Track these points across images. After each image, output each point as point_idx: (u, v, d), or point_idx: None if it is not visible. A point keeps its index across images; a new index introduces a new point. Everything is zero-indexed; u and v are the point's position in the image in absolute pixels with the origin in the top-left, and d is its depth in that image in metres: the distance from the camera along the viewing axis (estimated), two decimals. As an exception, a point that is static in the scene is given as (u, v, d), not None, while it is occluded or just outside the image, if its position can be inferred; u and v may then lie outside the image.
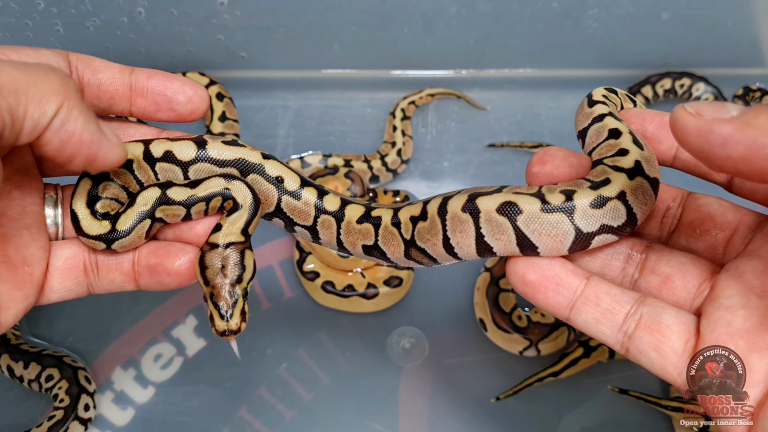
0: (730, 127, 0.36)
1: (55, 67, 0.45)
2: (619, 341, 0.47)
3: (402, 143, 1.07)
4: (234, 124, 1.08)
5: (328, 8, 1.04)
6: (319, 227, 0.56)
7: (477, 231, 0.48)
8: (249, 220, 0.53)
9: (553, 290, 0.47)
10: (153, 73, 0.56)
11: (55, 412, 0.86)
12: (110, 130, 0.48)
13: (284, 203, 0.56)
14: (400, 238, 0.53)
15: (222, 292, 0.51)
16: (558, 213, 0.46)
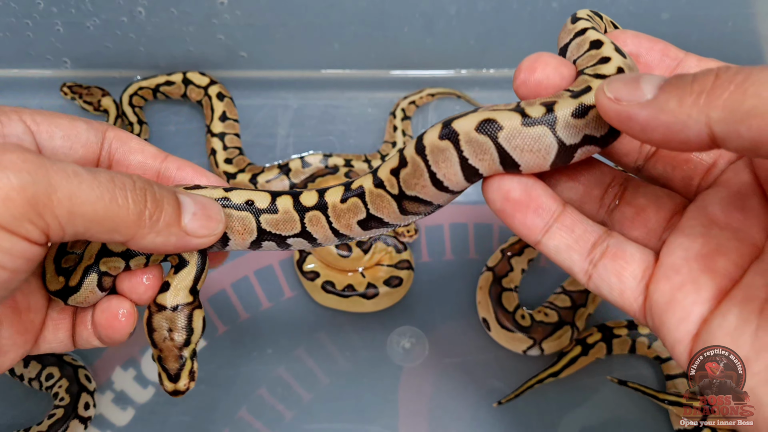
0: (645, 114, 0.39)
1: (134, 183, 0.45)
2: (584, 269, 0.48)
3: (402, 143, 1.07)
4: (234, 124, 1.08)
5: (328, 7, 1.04)
6: (308, 227, 0.55)
7: (460, 155, 0.46)
8: (197, 277, 0.53)
9: (533, 210, 0.47)
10: (184, 165, 0.57)
11: (56, 410, 0.87)
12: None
13: (264, 222, 0.54)
14: (388, 196, 0.51)
15: (170, 356, 0.52)
16: (540, 126, 0.44)
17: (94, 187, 0.42)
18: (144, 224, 0.45)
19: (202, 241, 0.49)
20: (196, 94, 1.09)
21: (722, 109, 0.36)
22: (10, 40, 1.06)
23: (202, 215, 0.49)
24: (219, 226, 0.50)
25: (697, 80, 0.38)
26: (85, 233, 0.43)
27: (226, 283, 0.98)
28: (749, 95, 0.35)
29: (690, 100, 0.37)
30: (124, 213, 0.43)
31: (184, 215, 0.48)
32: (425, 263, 1.00)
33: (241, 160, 1.05)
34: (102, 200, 0.42)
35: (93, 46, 1.07)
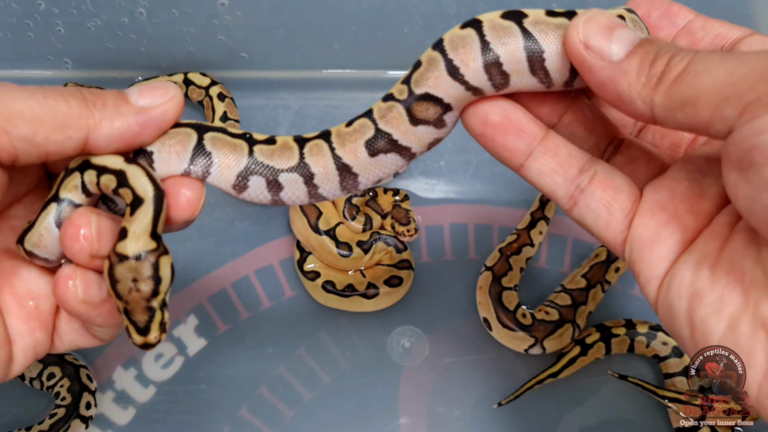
0: (605, 74, 0.41)
1: (63, 87, 0.46)
2: (569, 193, 0.47)
3: (402, 143, 1.07)
4: (235, 124, 1.08)
5: (328, 8, 1.04)
6: (307, 158, 0.49)
7: (482, 39, 0.45)
8: (155, 217, 0.46)
9: (514, 133, 0.47)
10: None
11: (57, 410, 0.87)
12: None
13: (258, 151, 0.49)
14: (398, 104, 0.50)
15: (137, 308, 0.47)
16: (562, 17, 0.44)
17: (21, 89, 0.43)
18: (91, 112, 0.45)
19: (164, 108, 0.47)
20: (197, 95, 1.10)
21: (664, 95, 0.38)
22: (10, 40, 1.06)
23: (148, 89, 0.47)
24: (170, 89, 0.48)
25: (656, 62, 0.39)
26: (35, 136, 0.43)
27: (226, 282, 0.98)
28: (684, 86, 0.37)
29: (644, 79, 0.39)
30: (63, 107, 0.44)
31: (130, 97, 0.47)
32: (425, 263, 1.01)
33: (241, 160, 1.05)
34: (34, 98, 0.43)
35: (94, 47, 1.08)
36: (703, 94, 0.37)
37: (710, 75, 0.37)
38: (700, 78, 0.37)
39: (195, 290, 0.98)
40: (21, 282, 0.51)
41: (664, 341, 0.91)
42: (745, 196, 0.37)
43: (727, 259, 0.41)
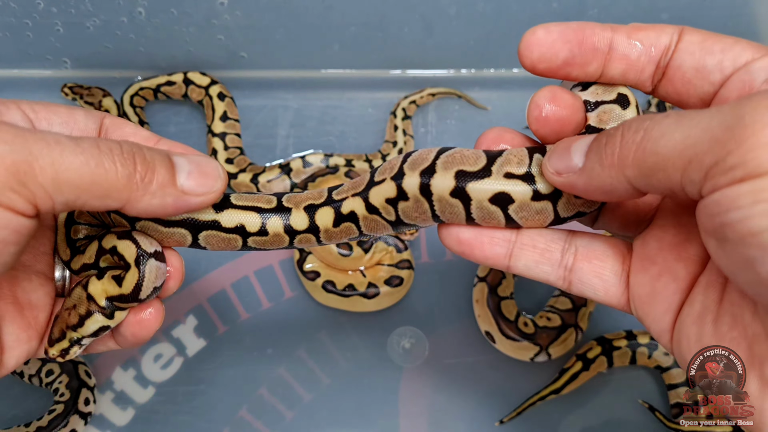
0: (582, 181, 0.43)
1: (120, 147, 0.45)
2: (561, 276, 0.50)
3: (403, 143, 1.07)
4: (235, 124, 1.08)
5: (328, 8, 1.04)
6: (296, 244, 0.55)
7: (468, 214, 0.48)
8: (117, 297, 0.51)
9: (488, 243, 0.49)
10: (175, 146, 0.55)
11: (56, 405, 0.87)
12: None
13: (251, 242, 0.54)
14: (384, 222, 0.52)
15: (60, 322, 0.52)
16: (545, 201, 0.47)
17: (77, 153, 0.41)
18: (136, 187, 0.44)
19: (202, 200, 0.48)
20: (197, 94, 1.09)
21: (633, 167, 0.39)
22: (9, 40, 1.06)
23: (198, 173, 0.48)
24: (217, 183, 0.49)
25: (608, 143, 0.41)
26: (76, 201, 0.42)
27: (226, 283, 0.98)
28: (648, 153, 0.38)
29: (607, 163, 0.41)
30: (112, 177, 0.43)
31: (179, 175, 0.47)
32: (425, 264, 1.00)
33: (242, 160, 1.05)
34: (87, 165, 0.42)
35: (93, 47, 1.07)
36: (668, 160, 0.37)
37: (668, 140, 0.37)
38: (660, 143, 0.37)
39: (194, 291, 0.97)
40: (23, 292, 0.53)
41: (666, 351, 0.90)
42: (726, 266, 0.37)
43: (727, 312, 0.42)
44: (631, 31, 0.49)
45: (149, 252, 0.50)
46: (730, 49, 0.46)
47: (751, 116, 0.34)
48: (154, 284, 0.51)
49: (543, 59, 0.49)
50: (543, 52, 0.49)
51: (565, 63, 0.49)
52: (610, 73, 0.50)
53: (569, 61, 0.49)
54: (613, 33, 0.49)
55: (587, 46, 0.49)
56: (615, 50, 0.49)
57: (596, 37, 0.49)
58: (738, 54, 0.45)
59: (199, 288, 0.98)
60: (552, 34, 0.48)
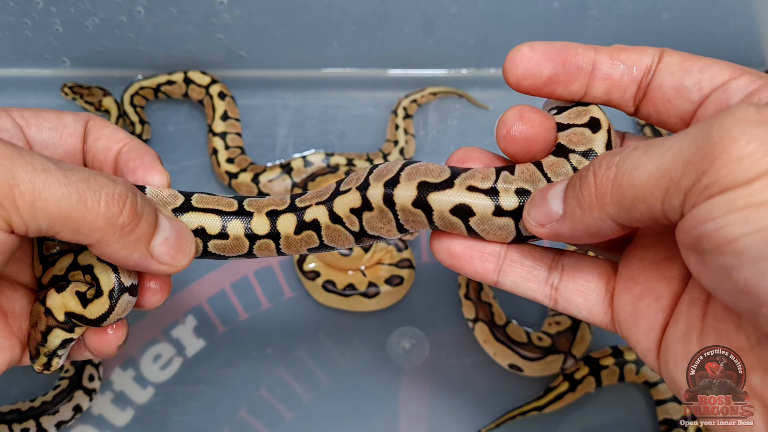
0: (566, 228, 0.43)
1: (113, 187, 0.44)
2: (547, 294, 0.50)
3: (404, 142, 1.07)
4: (236, 123, 1.08)
5: (327, 7, 1.04)
6: (255, 251, 0.54)
7: (430, 223, 0.49)
8: (79, 316, 0.50)
9: (478, 258, 0.50)
10: (134, 147, 0.54)
11: (60, 381, 0.89)
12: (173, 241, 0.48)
13: (212, 246, 0.53)
14: (347, 232, 0.52)
15: (31, 337, 0.52)
16: (507, 217, 0.47)
17: (62, 184, 0.41)
18: (113, 231, 0.43)
19: (163, 269, 0.48)
20: (197, 94, 1.09)
21: (613, 204, 0.39)
22: (8, 39, 1.06)
23: (174, 244, 0.48)
24: (185, 260, 0.49)
25: (583, 185, 0.41)
26: (48, 231, 0.42)
27: (225, 283, 0.98)
28: (625, 188, 0.38)
29: (587, 204, 0.41)
30: (91, 216, 0.42)
31: (157, 236, 0.47)
32: (426, 264, 1.00)
33: (242, 159, 1.05)
34: (68, 199, 0.41)
35: (92, 46, 1.07)
36: (646, 191, 0.38)
37: (642, 171, 0.37)
38: (635, 176, 0.38)
39: (194, 291, 0.97)
40: (6, 301, 0.53)
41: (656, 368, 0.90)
42: (707, 280, 0.37)
43: (711, 327, 0.42)
44: (613, 53, 0.49)
45: (126, 285, 0.49)
46: (708, 69, 0.47)
47: (718, 133, 0.35)
48: (119, 316, 0.50)
49: (528, 75, 0.49)
50: (528, 68, 0.49)
51: (549, 80, 0.49)
52: (593, 93, 0.50)
53: (553, 79, 0.49)
54: (597, 53, 0.50)
55: (571, 65, 0.49)
56: (598, 70, 0.50)
57: (580, 57, 0.49)
58: (716, 74, 0.46)
59: (199, 288, 0.98)
60: (537, 52, 0.49)
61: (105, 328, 0.52)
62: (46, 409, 0.87)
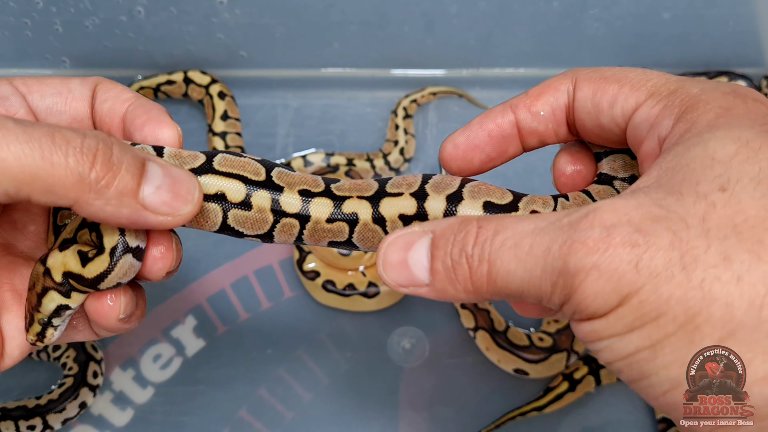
0: (433, 295, 0.43)
1: (81, 140, 0.40)
2: None
3: (404, 141, 1.07)
4: (236, 123, 1.08)
5: (328, 7, 1.04)
6: (276, 232, 0.49)
7: None
8: (79, 276, 0.46)
9: None
10: (139, 105, 0.52)
11: (65, 379, 0.89)
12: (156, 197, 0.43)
13: (231, 218, 0.48)
14: (383, 234, 0.49)
15: (27, 304, 0.49)
16: None
17: (22, 141, 0.38)
18: (88, 188, 0.39)
19: (162, 220, 0.43)
20: (197, 93, 1.09)
21: (489, 295, 0.40)
22: (8, 39, 1.06)
23: (169, 190, 0.43)
24: (187, 207, 0.44)
25: (458, 271, 0.41)
26: (18, 193, 0.38)
27: (225, 283, 0.98)
28: (500, 288, 0.39)
29: (462, 289, 0.41)
30: (59, 173, 0.38)
31: (144, 185, 0.42)
32: (425, 263, 1.00)
33: (241, 159, 1.05)
34: (30, 157, 0.38)
35: (92, 46, 1.07)
36: (520, 293, 0.39)
37: (514, 278, 0.39)
38: (508, 280, 0.39)
39: (194, 291, 0.97)
40: (21, 280, 0.52)
41: None
42: None
43: None
44: (530, 103, 0.50)
45: (130, 246, 0.45)
46: (616, 100, 0.46)
47: (574, 265, 0.36)
48: (119, 279, 0.46)
49: (463, 168, 0.52)
50: (459, 164, 0.52)
51: (483, 163, 0.52)
52: (530, 145, 0.52)
53: (485, 160, 0.52)
54: (515, 112, 0.51)
55: (496, 140, 0.51)
56: (523, 129, 0.51)
57: (500, 128, 0.51)
58: (624, 105, 0.46)
59: (199, 288, 0.97)
60: (459, 147, 0.52)
61: (104, 296, 0.48)
62: (52, 407, 0.87)
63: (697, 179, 0.37)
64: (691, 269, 0.35)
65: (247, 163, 0.49)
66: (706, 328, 0.35)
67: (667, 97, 0.43)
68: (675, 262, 0.35)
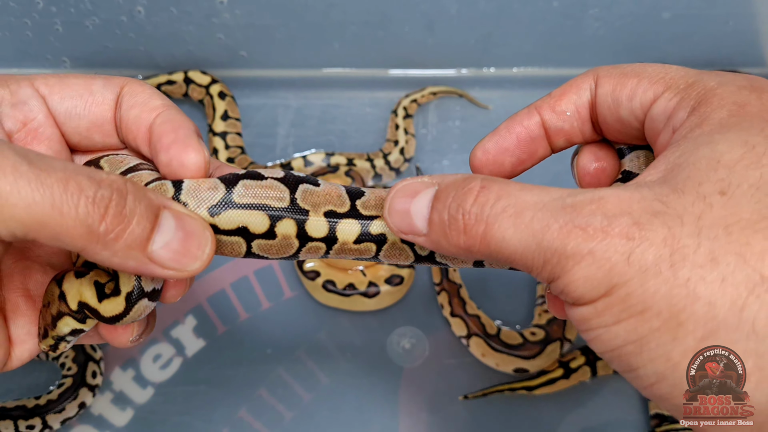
0: (430, 245, 0.44)
1: (95, 191, 0.39)
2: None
3: (405, 141, 1.07)
4: (236, 123, 1.08)
5: (328, 7, 1.04)
6: (301, 254, 0.48)
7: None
8: (93, 309, 0.46)
9: None
10: (167, 120, 0.49)
11: (64, 380, 0.89)
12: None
13: (256, 246, 0.47)
14: (411, 254, 0.49)
15: (41, 318, 0.50)
16: None
17: (34, 188, 0.37)
18: (96, 240, 0.39)
19: (169, 274, 0.42)
20: (197, 94, 1.09)
21: (480, 255, 0.41)
22: (9, 39, 1.06)
23: (179, 247, 0.42)
24: (195, 264, 0.43)
25: (452, 226, 0.41)
26: (26, 237, 0.38)
27: (225, 283, 0.98)
28: (493, 250, 0.40)
29: (453, 244, 0.42)
30: (68, 223, 0.38)
31: (155, 239, 0.41)
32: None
33: (243, 159, 1.05)
34: (40, 205, 0.37)
35: (92, 46, 1.07)
36: (512, 260, 0.40)
37: (508, 244, 0.39)
38: (502, 245, 0.40)
39: (194, 291, 0.97)
40: (35, 284, 0.52)
41: None
42: None
43: None
44: (554, 104, 0.51)
45: (146, 290, 0.45)
46: (635, 93, 0.46)
47: (571, 248, 0.37)
48: (134, 320, 0.46)
49: (494, 173, 0.52)
50: (491, 169, 0.52)
51: (514, 166, 0.52)
52: (558, 146, 0.52)
53: (516, 163, 0.52)
54: (540, 113, 0.51)
55: (524, 142, 0.51)
56: (550, 129, 0.51)
57: (528, 130, 0.51)
58: (642, 97, 0.46)
59: (199, 288, 0.97)
60: (489, 152, 0.52)
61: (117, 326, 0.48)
62: (52, 407, 0.87)
63: (701, 179, 0.38)
64: (678, 267, 0.36)
65: (269, 186, 0.47)
66: (689, 325, 0.36)
67: (684, 89, 0.44)
68: (664, 259, 0.36)
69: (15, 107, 0.49)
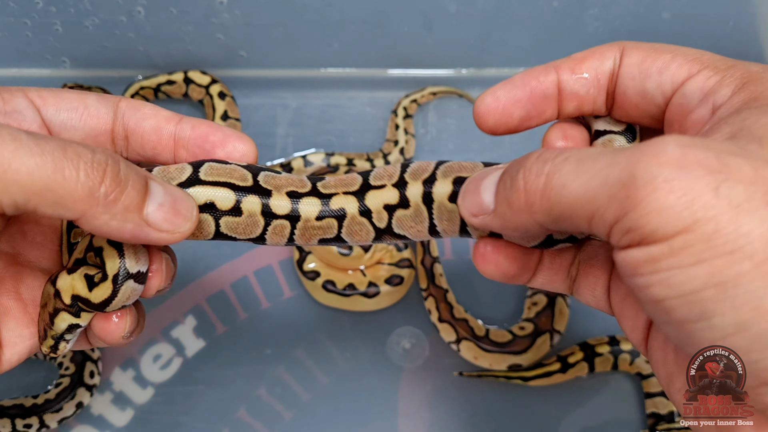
0: (496, 224, 0.43)
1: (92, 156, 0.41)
2: (569, 286, 0.51)
3: (404, 141, 1.07)
4: (236, 123, 1.08)
5: (327, 7, 1.04)
6: (268, 234, 0.51)
7: (462, 220, 0.48)
8: (86, 300, 0.48)
9: (525, 275, 0.50)
10: (199, 124, 0.52)
11: (62, 379, 0.90)
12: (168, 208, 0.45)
13: (223, 225, 0.50)
14: (370, 227, 0.51)
15: (40, 319, 0.51)
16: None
17: (35, 154, 0.38)
18: (97, 202, 0.40)
19: (163, 236, 0.44)
20: (197, 94, 1.09)
21: (540, 214, 0.39)
22: (8, 39, 1.06)
23: (170, 208, 0.44)
24: (186, 225, 0.45)
25: (513, 187, 0.40)
26: (26, 204, 0.39)
27: (225, 283, 0.98)
28: (553, 202, 0.38)
29: (516, 208, 0.41)
30: (71, 186, 0.39)
31: (148, 203, 0.43)
32: (425, 263, 1.00)
33: (241, 159, 1.05)
34: (43, 169, 0.38)
35: (92, 46, 1.07)
36: (572, 210, 0.37)
37: (570, 191, 0.37)
38: (563, 193, 0.37)
39: (193, 291, 0.97)
40: (27, 289, 0.52)
41: (647, 360, 0.90)
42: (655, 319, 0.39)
43: None
44: (574, 66, 0.50)
45: (131, 272, 0.47)
46: (667, 68, 0.46)
47: (642, 176, 0.34)
48: (123, 303, 0.48)
49: (499, 124, 0.51)
50: (497, 118, 0.51)
51: (521, 121, 0.51)
52: (566, 111, 0.51)
53: (525, 117, 0.51)
54: (558, 73, 0.51)
55: (537, 98, 0.50)
56: (564, 90, 0.50)
57: (543, 86, 0.50)
58: (675, 73, 0.46)
59: (198, 288, 0.97)
60: (500, 100, 0.51)
61: (110, 315, 0.50)
62: (49, 406, 0.87)
63: None
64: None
65: (233, 170, 0.50)
66: None
67: (725, 70, 0.44)
68: (758, 198, 0.33)
69: (8, 116, 0.49)
